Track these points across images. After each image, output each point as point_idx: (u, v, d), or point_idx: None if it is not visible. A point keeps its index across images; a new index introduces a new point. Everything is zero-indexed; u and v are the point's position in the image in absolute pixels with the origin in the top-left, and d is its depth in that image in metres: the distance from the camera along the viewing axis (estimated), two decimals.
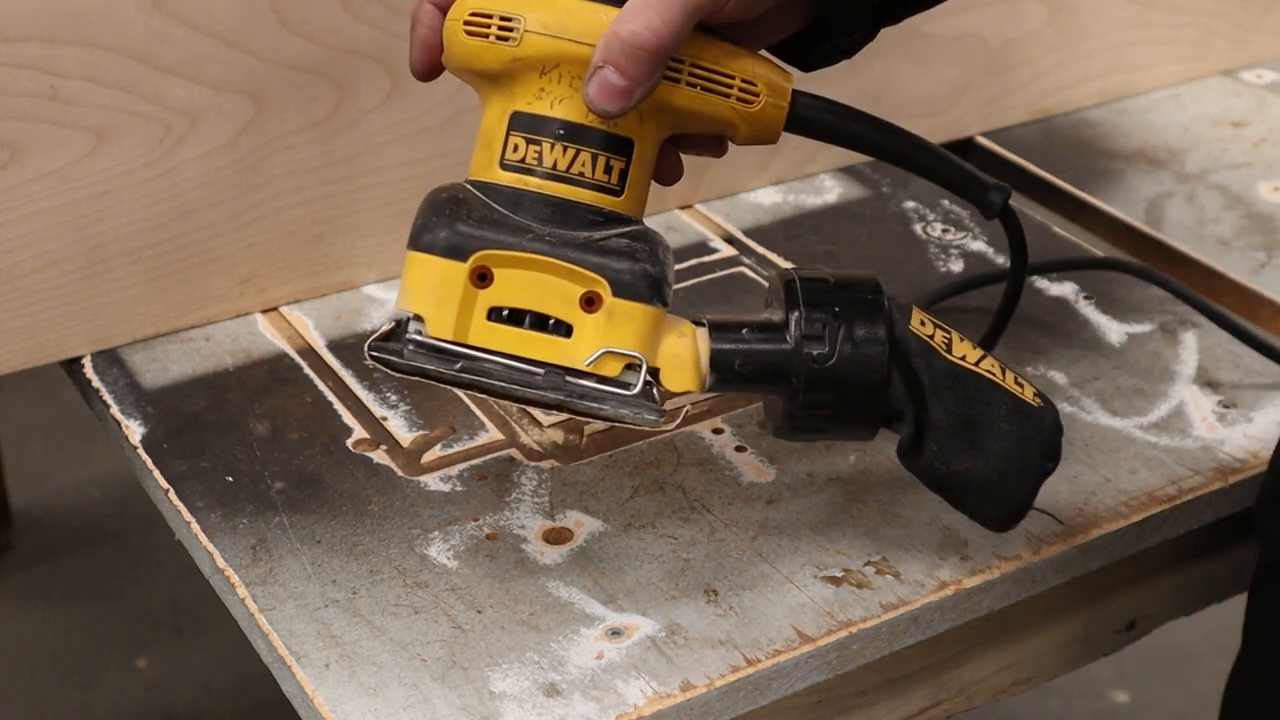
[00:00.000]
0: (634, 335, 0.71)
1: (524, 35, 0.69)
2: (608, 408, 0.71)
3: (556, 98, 0.70)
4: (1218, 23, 1.27)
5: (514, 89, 0.71)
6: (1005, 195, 0.78)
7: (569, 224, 0.71)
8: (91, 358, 0.94)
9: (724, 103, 0.72)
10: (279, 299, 0.99)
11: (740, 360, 0.73)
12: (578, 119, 0.70)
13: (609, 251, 0.70)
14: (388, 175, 0.99)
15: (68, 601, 1.95)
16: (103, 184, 0.91)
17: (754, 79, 0.72)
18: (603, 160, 0.71)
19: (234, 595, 0.78)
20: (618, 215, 0.71)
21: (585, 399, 0.71)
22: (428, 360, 0.70)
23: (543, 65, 0.70)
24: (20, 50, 0.85)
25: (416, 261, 0.70)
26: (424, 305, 0.70)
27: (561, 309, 0.70)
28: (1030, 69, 1.21)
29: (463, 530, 0.82)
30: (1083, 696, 1.84)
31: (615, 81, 0.68)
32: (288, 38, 0.92)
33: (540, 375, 0.70)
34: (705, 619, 0.76)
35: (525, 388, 0.70)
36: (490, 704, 0.72)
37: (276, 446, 0.87)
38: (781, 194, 1.13)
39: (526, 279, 0.70)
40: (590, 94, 0.68)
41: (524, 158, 0.71)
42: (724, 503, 0.84)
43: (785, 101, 0.74)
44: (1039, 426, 0.74)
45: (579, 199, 0.71)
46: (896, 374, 0.73)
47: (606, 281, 0.70)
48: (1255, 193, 1.14)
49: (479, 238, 0.70)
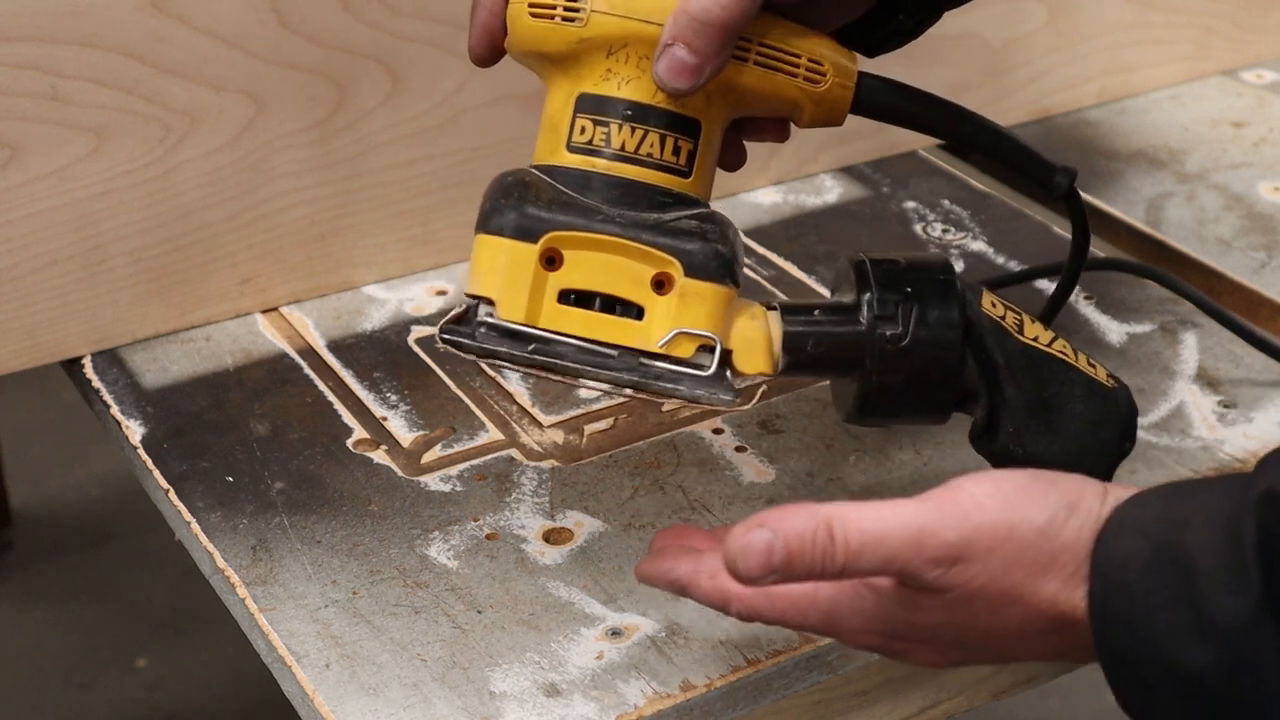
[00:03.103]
0: (707, 316, 0.70)
1: (590, 16, 0.69)
2: (683, 388, 0.70)
3: (624, 78, 0.70)
4: (1218, 23, 1.27)
5: (580, 71, 0.70)
6: (1071, 177, 0.77)
7: (637, 205, 0.70)
8: (91, 358, 0.94)
9: (791, 83, 0.72)
10: (279, 299, 0.99)
11: (813, 341, 0.72)
12: (645, 99, 0.70)
13: (680, 232, 0.70)
14: (388, 175, 0.99)
15: (68, 601, 1.95)
16: (103, 184, 0.91)
17: (820, 59, 0.72)
18: (670, 141, 0.70)
19: (234, 595, 0.78)
20: (686, 197, 0.71)
21: (661, 380, 0.70)
22: (500, 343, 0.69)
23: (609, 46, 0.69)
24: (20, 50, 0.85)
25: (486, 245, 0.70)
26: (494, 288, 0.69)
27: (632, 291, 0.70)
28: (1030, 69, 1.21)
29: (463, 530, 0.82)
30: (1083, 696, 1.84)
31: (685, 59, 0.67)
32: (288, 38, 0.92)
33: (614, 356, 0.69)
34: (705, 619, 0.76)
35: (599, 369, 0.69)
36: (490, 704, 0.72)
37: (276, 446, 0.87)
38: (781, 194, 1.13)
39: (597, 261, 0.69)
40: (660, 72, 0.68)
41: (591, 139, 0.70)
42: (724, 503, 0.84)
43: (851, 82, 0.73)
44: (1114, 407, 0.73)
45: (647, 180, 0.70)
46: (970, 354, 0.72)
47: (679, 262, 0.69)
48: (1255, 193, 1.14)
49: (548, 220, 0.69)
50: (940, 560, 0.61)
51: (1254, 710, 0.56)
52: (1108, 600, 0.59)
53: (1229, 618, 0.56)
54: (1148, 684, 0.58)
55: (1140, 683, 0.58)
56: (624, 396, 0.73)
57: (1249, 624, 0.55)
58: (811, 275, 1.04)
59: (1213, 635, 0.56)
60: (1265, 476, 0.58)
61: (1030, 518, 0.61)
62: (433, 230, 1.02)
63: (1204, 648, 0.56)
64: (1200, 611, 0.56)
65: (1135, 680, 0.59)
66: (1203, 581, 0.56)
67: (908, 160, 1.17)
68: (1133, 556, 0.59)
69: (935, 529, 0.61)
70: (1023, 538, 0.61)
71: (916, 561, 0.61)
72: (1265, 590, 0.55)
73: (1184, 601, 0.57)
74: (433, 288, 1.02)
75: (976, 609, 0.61)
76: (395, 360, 0.95)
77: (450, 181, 1.01)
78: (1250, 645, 0.55)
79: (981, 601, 0.61)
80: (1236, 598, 0.56)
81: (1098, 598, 0.59)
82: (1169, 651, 0.57)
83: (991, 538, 0.60)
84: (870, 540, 0.61)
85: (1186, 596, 0.57)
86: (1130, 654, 0.58)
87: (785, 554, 0.61)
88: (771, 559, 0.61)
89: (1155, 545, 0.58)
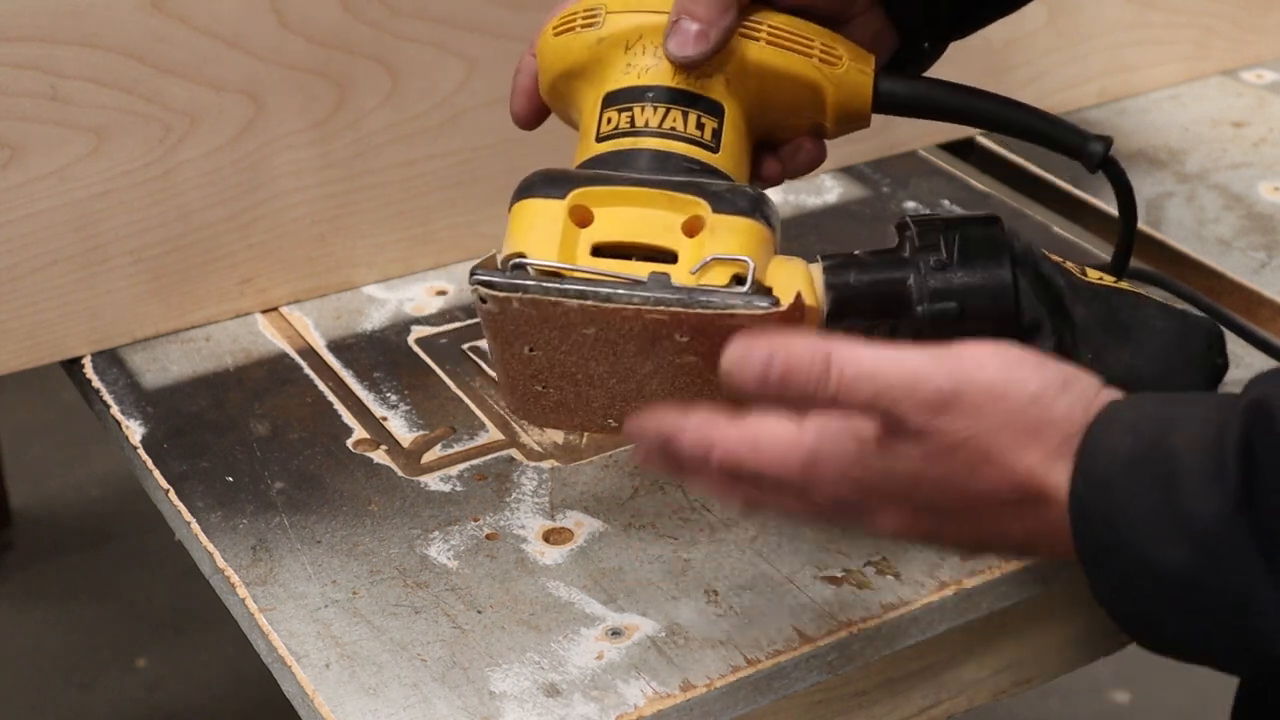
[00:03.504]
0: (740, 246, 0.69)
1: (606, 17, 0.73)
2: (717, 298, 0.68)
3: (643, 68, 0.73)
4: (1218, 23, 1.27)
5: (603, 73, 0.73)
6: (1107, 145, 0.77)
7: (667, 170, 0.71)
8: (91, 358, 0.94)
9: (806, 62, 0.73)
10: (279, 299, 0.99)
11: (856, 274, 0.71)
12: (665, 82, 0.72)
13: (707, 185, 0.70)
14: (388, 175, 0.99)
15: (68, 601, 1.95)
16: (103, 184, 0.91)
17: (834, 43, 0.74)
18: (694, 116, 0.72)
19: (234, 595, 0.78)
20: (716, 169, 0.72)
21: (694, 293, 0.68)
22: (531, 279, 0.68)
23: (626, 41, 0.73)
24: (20, 50, 0.85)
25: (517, 210, 0.71)
26: (526, 243, 0.69)
27: (664, 237, 0.70)
28: (1030, 69, 1.21)
29: (463, 530, 0.82)
30: (1083, 696, 1.84)
31: (690, 27, 0.71)
32: (288, 38, 0.92)
33: (644, 282, 0.68)
34: (705, 619, 0.76)
35: (631, 292, 0.68)
36: (490, 704, 0.72)
37: (276, 446, 0.87)
38: (781, 194, 1.13)
39: (627, 215, 0.70)
40: (670, 47, 0.72)
41: (617, 125, 0.73)
42: (724, 502, 0.84)
43: (869, 68, 0.75)
44: (1198, 325, 0.70)
45: (675, 150, 0.72)
46: (1025, 280, 0.70)
47: (706, 201, 0.69)
48: (1255, 193, 1.14)
49: (576, 177, 0.71)
50: (929, 405, 0.61)
51: (1223, 606, 0.57)
52: (1089, 494, 0.59)
53: (1205, 515, 0.57)
54: (1122, 577, 0.59)
55: (1115, 575, 0.60)
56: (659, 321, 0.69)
57: (1223, 522, 0.56)
58: None
59: (1188, 532, 0.57)
60: (1254, 389, 0.60)
61: (1025, 384, 0.61)
62: (433, 230, 1.02)
63: (1179, 544, 0.57)
64: (1178, 509, 0.57)
65: (1110, 572, 0.60)
66: (1182, 480, 0.57)
67: (908, 160, 1.17)
68: (1119, 452, 0.59)
69: (930, 375, 0.61)
70: (1014, 401, 0.61)
71: (906, 402, 0.61)
72: (1241, 491, 0.56)
73: (1163, 498, 0.58)
74: (433, 288, 1.02)
75: (955, 464, 0.61)
76: (395, 360, 0.95)
77: (450, 181, 1.01)
78: (1223, 543, 0.57)
79: (961, 456, 0.61)
80: (1213, 497, 0.57)
81: (1079, 490, 0.60)
82: (1144, 546, 0.58)
83: (984, 394, 0.61)
84: (865, 374, 0.61)
85: (1166, 494, 0.58)
86: (1107, 547, 0.59)
87: (783, 370, 0.61)
88: (769, 371, 0.61)
89: (1142, 443, 0.59)
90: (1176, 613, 0.59)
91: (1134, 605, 0.60)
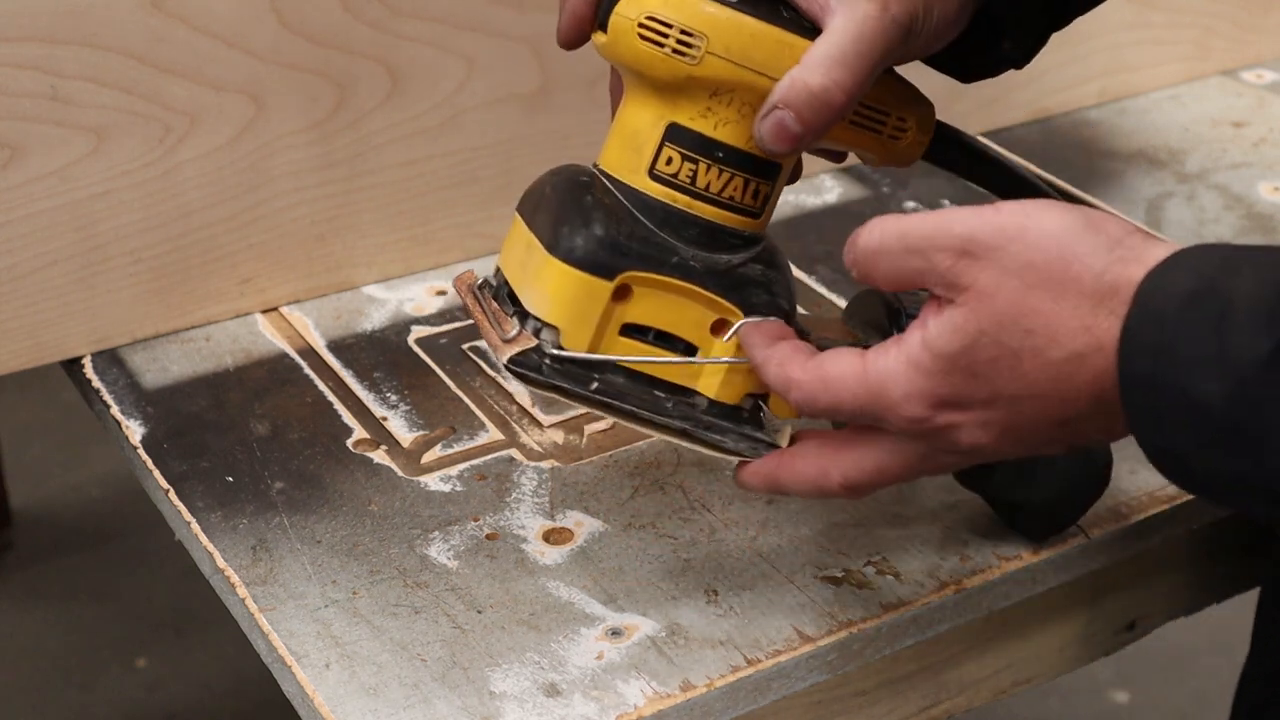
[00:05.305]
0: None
1: (705, 57, 0.68)
2: (728, 441, 0.71)
3: (722, 119, 0.69)
4: (1218, 23, 1.27)
5: (678, 101, 0.69)
6: None
7: (713, 247, 0.70)
8: (91, 358, 0.94)
9: (874, 139, 0.73)
10: (279, 299, 0.99)
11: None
12: (740, 144, 0.69)
13: (747, 281, 0.71)
14: (388, 175, 0.99)
15: (68, 601, 1.95)
16: (103, 184, 0.91)
17: (906, 115, 0.73)
18: (753, 186, 0.71)
19: (234, 595, 0.78)
20: (754, 237, 0.72)
21: (710, 431, 0.71)
22: (564, 379, 0.70)
23: (716, 87, 0.68)
24: (20, 50, 0.85)
25: (559, 273, 0.69)
26: (563, 318, 0.69)
27: (692, 333, 0.71)
28: (1030, 69, 1.20)
29: (463, 530, 0.82)
30: (1083, 696, 1.84)
31: (792, 127, 0.67)
32: (288, 38, 0.92)
33: (670, 404, 0.71)
34: (705, 619, 0.76)
35: (653, 413, 0.70)
36: (490, 704, 0.72)
37: (276, 446, 0.87)
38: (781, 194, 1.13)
39: (664, 303, 0.70)
40: (763, 133, 0.68)
41: (677, 173, 0.70)
42: (724, 503, 0.84)
43: (928, 138, 0.74)
44: None
45: (723, 222, 0.71)
46: None
47: (741, 310, 0.71)
48: (1255, 193, 1.14)
49: (626, 259, 0.69)
50: (949, 249, 0.62)
51: (1253, 446, 0.58)
52: (1141, 326, 0.60)
53: (1247, 354, 0.57)
54: (1159, 409, 0.59)
55: (1153, 407, 0.60)
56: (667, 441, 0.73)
57: (1264, 363, 0.57)
58: (812, 275, 1.04)
59: (1228, 369, 0.57)
60: None
61: (1044, 223, 0.62)
62: (433, 230, 1.02)
63: (1218, 380, 0.57)
64: (1223, 346, 0.58)
65: (1148, 405, 0.60)
66: (1234, 318, 0.58)
67: None
68: (1177, 289, 0.60)
69: (949, 222, 0.63)
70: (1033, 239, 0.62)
71: (930, 249, 0.63)
72: None
73: (1211, 335, 0.58)
74: (433, 288, 1.02)
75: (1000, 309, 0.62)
76: (395, 360, 0.95)
77: (450, 181, 1.01)
78: (1260, 383, 0.57)
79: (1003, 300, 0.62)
80: (1259, 337, 0.57)
81: (1133, 323, 0.60)
82: (1184, 379, 0.58)
83: (999, 235, 0.62)
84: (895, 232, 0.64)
85: (1214, 331, 0.58)
86: (1148, 378, 0.59)
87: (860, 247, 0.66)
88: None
89: (1203, 282, 0.59)
90: (1207, 450, 0.59)
91: (1167, 439, 0.60)
